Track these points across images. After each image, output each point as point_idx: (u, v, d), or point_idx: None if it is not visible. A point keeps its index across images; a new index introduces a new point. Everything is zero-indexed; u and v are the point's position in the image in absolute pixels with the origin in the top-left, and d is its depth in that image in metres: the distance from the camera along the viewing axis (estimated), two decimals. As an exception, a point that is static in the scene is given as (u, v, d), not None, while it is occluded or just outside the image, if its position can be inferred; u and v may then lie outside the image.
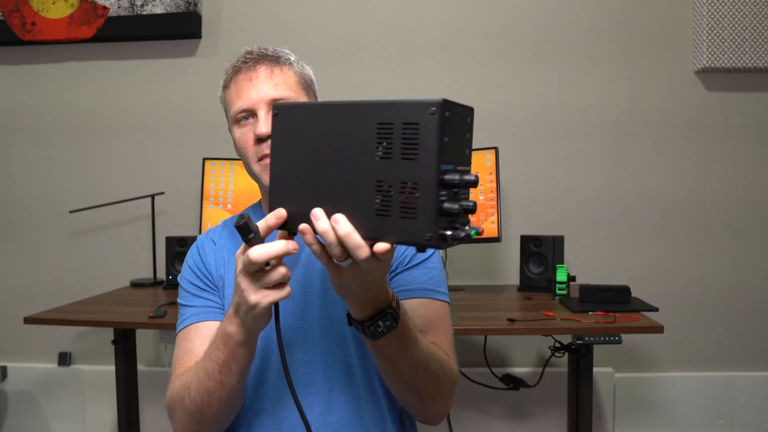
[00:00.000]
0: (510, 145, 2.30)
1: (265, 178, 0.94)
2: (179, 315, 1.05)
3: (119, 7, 2.36)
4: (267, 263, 0.72)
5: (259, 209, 1.09)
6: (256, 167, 0.97)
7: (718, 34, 2.24)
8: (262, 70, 0.99)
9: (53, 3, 2.37)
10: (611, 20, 2.31)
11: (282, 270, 0.72)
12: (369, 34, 2.38)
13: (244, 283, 0.73)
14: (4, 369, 2.47)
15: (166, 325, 1.76)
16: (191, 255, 1.08)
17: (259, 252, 0.70)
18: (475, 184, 0.62)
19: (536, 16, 2.32)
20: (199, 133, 2.43)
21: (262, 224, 0.72)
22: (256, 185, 2.24)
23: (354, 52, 2.38)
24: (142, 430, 2.36)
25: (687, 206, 2.34)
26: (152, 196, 2.32)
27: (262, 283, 0.73)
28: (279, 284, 0.74)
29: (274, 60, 1.00)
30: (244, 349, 0.82)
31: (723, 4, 2.23)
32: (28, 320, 1.78)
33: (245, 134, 0.97)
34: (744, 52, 2.24)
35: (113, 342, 1.97)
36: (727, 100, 2.31)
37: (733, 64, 2.24)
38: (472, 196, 0.66)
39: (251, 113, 0.96)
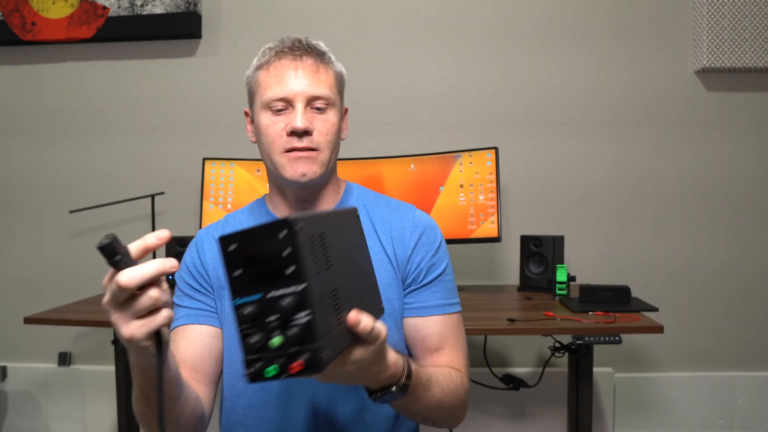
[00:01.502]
0: (510, 145, 2.30)
1: (289, 171, 0.95)
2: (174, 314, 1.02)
3: (119, 7, 2.35)
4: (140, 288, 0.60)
5: (264, 205, 1.07)
6: (281, 158, 0.95)
7: (718, 34, 2.24)
8: (309, 64, 0.96)
9: (53, 3, 2.37)
10: (611, 20, 2.31)
11: (153, 293, 0.61)
12: (369, 35, 2.38)
13: (114, 315, 0.62)
14: (4, 369, 2.47)
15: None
16: (189, 253, 1.06)
17: (129, 276, 0.59)
18: (295, 307, 0.56)
19: (536, 16, 2.32)
20: (199, 133, 2.43)
21: (137, 244, 0.62)
22: (256, 186, 2.22)
23: (354, 52, 2.38)
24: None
25: (687, 206, 2.34)
26: (152, 196, 2.31)
27: (132, 312, 0.61)
28: (154, 310, 0.62)
29: (320, 56, 0.98)
30: (149, 373, 0.70)
31: (723, 4, 2.23)
32: (28, 320, 1.78)
33: (275, 123, 0.95)
34: (744, 52, 2.24)
35: (113, 342, 1.97)
36: (727, 100, 2.31)
37: (733, 64, 2.24)
38: (473, 195, 0.66)
39: (288, 103, 0.95)
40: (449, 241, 1.95)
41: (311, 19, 2.39)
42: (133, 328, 0.61)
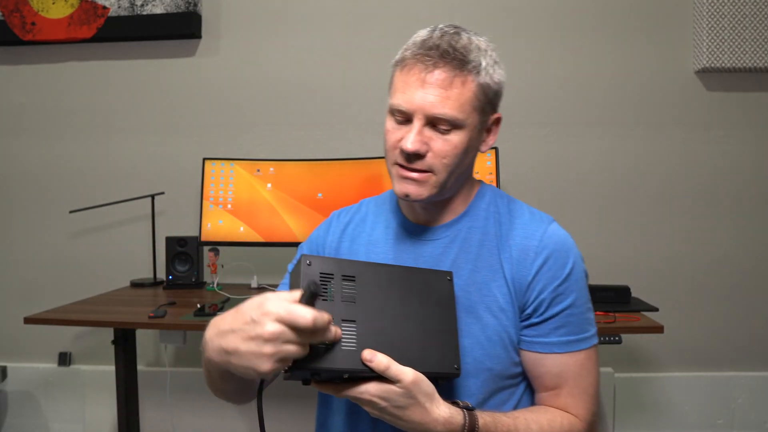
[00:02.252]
0: (510, 145, 2.31)
1: (395, 187, 0.91)
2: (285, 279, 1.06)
3: (119, 7, 2.36)
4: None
5: (386, 203, 1.05)
6: (392, 169, 0.92)
7: (718, 34, 2.24)
8: (441, 78, 0.84)
9: (53, 3, 2.37)
10: (611, 20, 2.31)
11: (292, 347, 0.68)
12: (369, 35, 2.38)
13: (272, 347, 0.67)
14: (4, 369, 2.47)
15: (166, 325, 1.75)
16: (318, 229, 1.08)
17: (320, 320, 0.67)
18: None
19: (536, 16, 2.32)
20: (199, 133, 2.44)
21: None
22: (256, 185, 2.23)
23: (354, 52, 2.38)
24: (142, 430, 2.36)
25: (687, 206, 2.34)
26: (152, 196, 2.32)
27: (284, 354, 0.67)
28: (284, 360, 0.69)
29: (460, 64, 0.84)
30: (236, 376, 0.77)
31: (723, 4, 2.23)
32: (28, 320, 1.78)
33: (394, 132, 0.91)
34: (744, 52, 2.24)
35: (113, 342, 1.97)
36: (727, 100, 2.32)
37: (733, 64, 2.24)
38: None
39: (408, 118, 0.88)
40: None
41: (311, 19, 2.39)
42: (272, 367, 0.68)
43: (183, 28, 2.35)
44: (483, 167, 2.03)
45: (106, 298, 2.10)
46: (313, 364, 0.70)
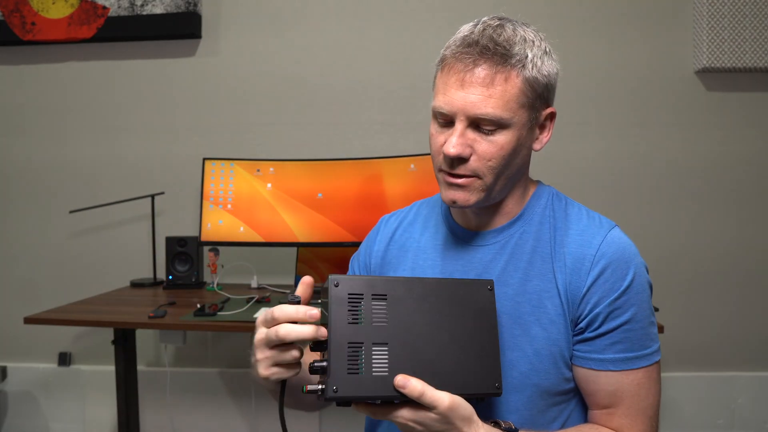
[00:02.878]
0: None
1: (442, 193, 0.87)
2: None
3: (119, 7, 2.35)
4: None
5: (437, 206, 1.01)
6: (438, 175, 0.87)
7: (718, 34, 2.24)
8: (482, 75, 0.79)
9: (53, 3, 2.37)
10: (611, 20, 2.31)
11: (296, 353, 0.72)
12: (369, 35, 2.38)
13: (260, 354, 0.73)
14: (4, 369, 2.47)
15: (166, 325, 1.75)
16: (368, 236, 1.06)
17: (287, 330, 0.70)
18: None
19: (535, 17, 2.31)
20: (199, 133, 2.44)
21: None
22: (256, 186, 2.23)
23: (354, 52, 2.38)
24: (142, 430, 2.36)
25: (687, 207, 2.34)
26: (152, 196, 2.32)
27: (278, 359, 0.72)
28: (292, 364, 0.74)
29: (502, 59, 0.79)
30: (273, 390, 0.82)
31: (723, 4, 2.23)
32: (28, 320, 1.78)
33: (436, 137, 0.85)
34: (744, 52, 2.24)
35: (113, 342, 1.97)
36: (727, 100, 2.31)
37: (733, 64, 2.24)
38: None
39: (449, 120, 0.83)
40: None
41: (311, 19, 2.39)
42: (271, 372, 0.73)
43: (183, 28, 2.35)
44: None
45: (106, 298, 2.10)
46: (343, 392, 0.69)
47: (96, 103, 2.47)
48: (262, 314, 0.74)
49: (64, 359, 2.48)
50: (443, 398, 0.69)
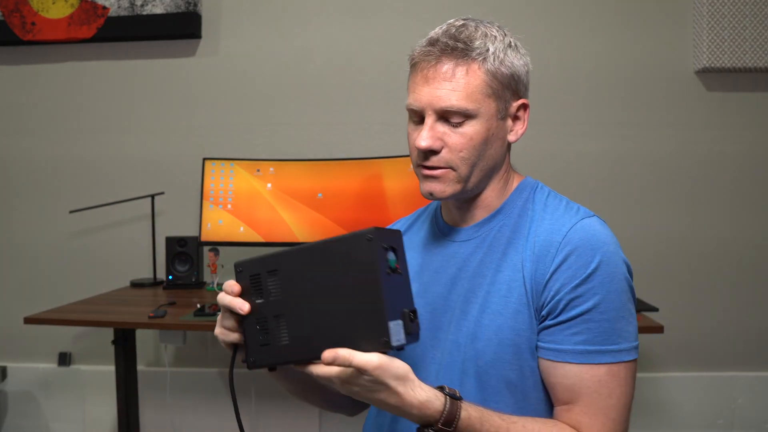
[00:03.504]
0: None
1: (421, 187, 0.88)
2: None
3: (119, 7, 2.36)
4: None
5: (430, 207, 1.03)
6: (416, 170, 0.89)
7: (718, 34, 2.24)
8: (443, 69, 0.83)
9: (53, 3, 2.37)
10: (610, 20, 2.31)
11: (227, 323, 0.79)
12: (369, 35, 2.38)
13: (219, 315, 0.82)
14: (4, 369, 2.47)
15: (166, 325, 1.76)
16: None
17: (220, 297, 0.79)
18: None
19: (535, 16, 2.32)
20: (199, 133, 2.44)
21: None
22: (256, 186, 2.23)
23: (354, 52, 2.38)
24: (142, 430, 2.36)
25: (687, 207, 2.34)
26: (152, 196, 2.32)
27: (221, 321, 0.80)
28: (231, 330, 0.80)
29: (462, 54, 0.83)
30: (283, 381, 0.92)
31: (723, 4, 2.23)
32: (28, 320, 1.78)
33: (411, 134, 0.88)
34: (744, 52, 2.24)
35: (113, 342, 1.97)
36: (727, 100, 2.31)
37: (733, 64, 2.24)
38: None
39: (420, 117, 0.86)
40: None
41: (311, 20, 2.39)
42: (219, 332, 0.82)
43: (183, 28, 2.35)
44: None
45: (106, 298, 2.10)
46: (259, 362, 0.79)
47: (96, 103, 2.47)
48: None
49: (64, 359, 2.48)
50: (372, 359, 0.67)
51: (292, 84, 2.41)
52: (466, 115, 0.83)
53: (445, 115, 0.83)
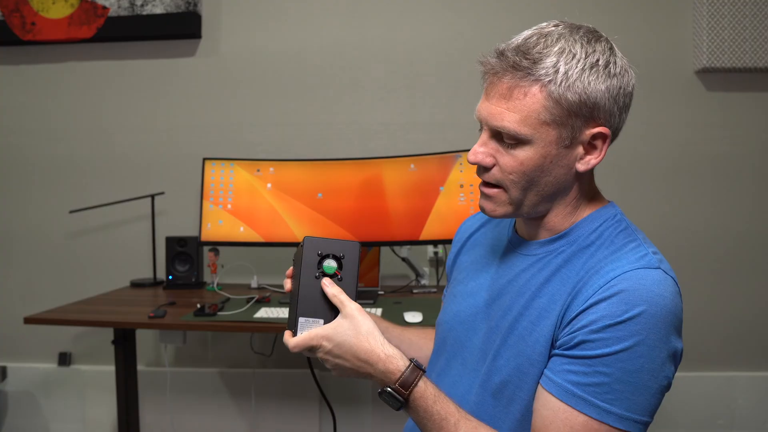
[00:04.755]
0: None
1: (479, 202, 0.87)
2: None
3: (119, 7, 2.36)
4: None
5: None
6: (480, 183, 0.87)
7: (718, 34, 2.24)
8: (503, 87, 0.78)
9: (53, 3, 2.37)
10: (610, 20, 2.31)
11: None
12: (369, 36, 2.38)
13: None
14: (4, 369, 2.47)
15: (166, 325, 1.76)
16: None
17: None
18: None
19: (535, 17, 2.31)
20: (199, 133, 2.44)
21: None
22: (256, 186, 2.23)
23: (354, 52, 2.38)
24: (142, 430, 2.36)
25: (686, 207, 2.34)
26: (152, 196, 2.32)
27: None
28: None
29: (525, 74, 0.76)
30: None
31: (723, 4, 2.23)
32: (28, 320, 1.78)
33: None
34: (744, 52, 2.24)
35: (113, 342, 1.97)
36: (727, 100, 2.31)
37: (733, 64, 2.24)
38: (473, 195, 0.73)
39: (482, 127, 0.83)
40: (447, 241, 1.96)
41: (311, 19, 2.39)
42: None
43: (183, 28, 2.35)
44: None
45: (106, 298, 2.10)
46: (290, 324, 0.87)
47: (96, 102, 2.47)
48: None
49: (64, 359, 2.48)
50: (352, 303, 0.82)
51: (292, 84, 2.41)
52: (518, 140, 0.78)
53: (498, 134, 0.80)
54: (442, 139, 2.35)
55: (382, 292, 2.12)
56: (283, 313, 1.74)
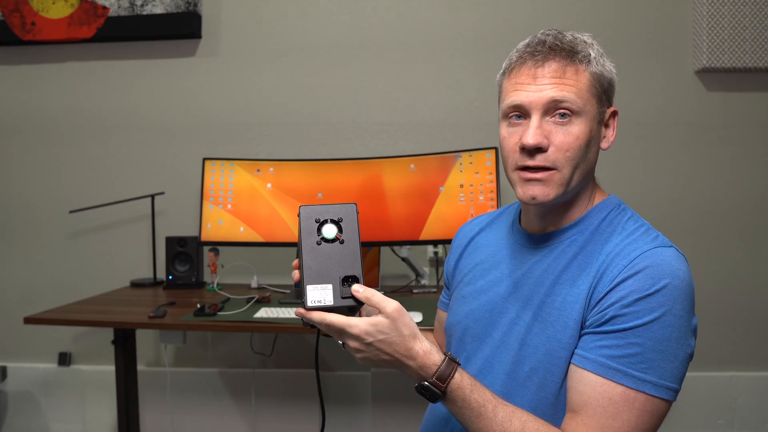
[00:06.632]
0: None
1: (519, 192, 0.87)
2: None
3: (119, 7, 2.36)
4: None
5: (518, 213, 1.02)
6: (514, 175, 0.87)
7: (718, 34, 2.24)
8: (552, 67, 0.84)
9: (53, 3, 2.37)
10: (611, 20, 2.31)
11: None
12: (369, 33, 2.38)
13: None
14: (4, 369, 2.47)
15: (166, 325, 1.75)
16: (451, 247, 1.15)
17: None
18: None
19: (535, 16, 2.32)
20: (199, 133, 2.44)
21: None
22: (256, 186, 2.22)
23: (354, 52, 2.38)
24: (142, 430, 2.36)
25: (686, 207, 2.34)
26: (152, 196, 2.32)
27: None
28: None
29: (570, 55, 0.84)
30: None
31: (723, 4, 2.23)
32: (28, 320, 1.78)
33: (511, 136, 0.87)
34: (744, 52, 2.24)
35: (113, 342, 1.97)
36: (727, 100, 2.31)
37: (733, 64, 2.24)
38: (473, 195, 0.72)
39: (524, 114, 0.85)
40: (447, 241, 1.96)
41: (312, 20, 2.39)
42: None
43: (183, 28, 2.35)
44: (483, 167, 2.03)
45: (106, 298, 2.10)
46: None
47: (96, 103, 2.47)
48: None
49: (64, 359, 2.48)
50: (392, 302, 0.79)
51: (292, 84, 2.41)
52: (574, 111, 0.83)
53: (552, 111, 0.83)
54: (442, 139, 2.35)
55: (382, 292, 2.12)
56: (283, 313, 1.74)
